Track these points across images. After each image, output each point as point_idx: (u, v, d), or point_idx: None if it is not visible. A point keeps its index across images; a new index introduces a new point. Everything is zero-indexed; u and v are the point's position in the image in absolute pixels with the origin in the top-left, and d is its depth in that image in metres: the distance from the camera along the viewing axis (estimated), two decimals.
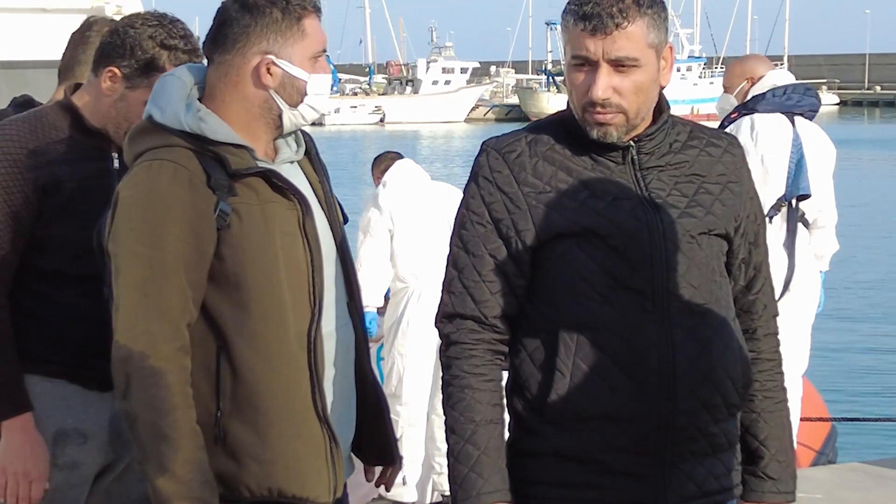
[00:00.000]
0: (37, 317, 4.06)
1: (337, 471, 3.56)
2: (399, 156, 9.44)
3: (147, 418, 3.39)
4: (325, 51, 3.64)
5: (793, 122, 7.66)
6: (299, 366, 3.51)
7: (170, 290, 3.41)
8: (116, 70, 4.10)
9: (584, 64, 3.28)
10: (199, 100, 3.58)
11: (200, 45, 3.81)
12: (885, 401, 15.21)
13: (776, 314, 3.67)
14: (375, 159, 9.45)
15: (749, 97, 7.70)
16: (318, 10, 3.61)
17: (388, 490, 4.09)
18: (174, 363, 3.39)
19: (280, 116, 3.60)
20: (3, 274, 4.00)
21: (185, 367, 3.42)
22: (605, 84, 3.26)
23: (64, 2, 5.41)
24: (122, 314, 3.45)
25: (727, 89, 8.06)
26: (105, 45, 4.15)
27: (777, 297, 3.72)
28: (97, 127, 4.13)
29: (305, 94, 3.59)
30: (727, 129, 7.39)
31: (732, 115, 7.66)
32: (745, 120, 7.53)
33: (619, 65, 3.27)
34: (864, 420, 11.52)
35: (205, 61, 3.75)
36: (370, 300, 7.93)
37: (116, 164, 4.09)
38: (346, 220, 3.88)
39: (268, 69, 3.54)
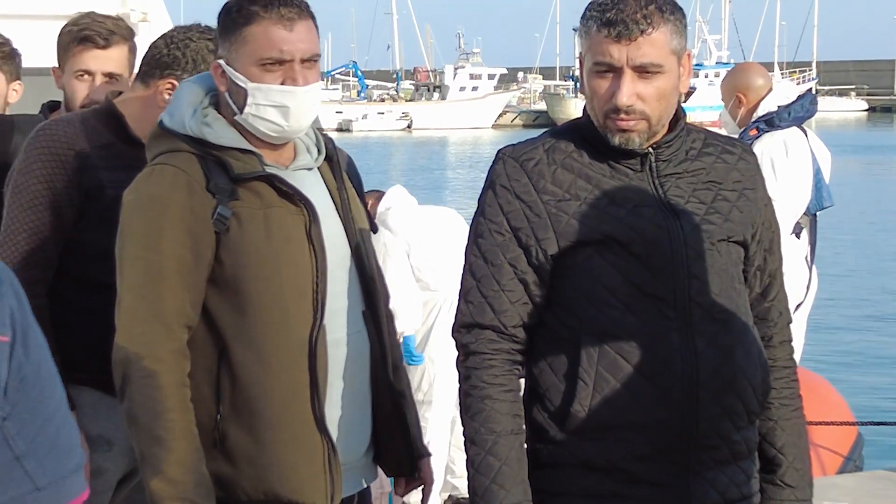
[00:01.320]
0: (67, 324, 4.06)
1: (334, 478, 3.57)
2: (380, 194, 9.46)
3: (142, 419, 3.46)
4: (278, 61, 3.54)
5: (805, 134, 7.66)
6: (299, 371, 3.53)
7: (166, 292, 3.48)
8: (176, 82, 4.12)
9: (608, 70, 3.29)
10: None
11: None
12: None
13: (790, 321, 3.68)
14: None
15: (764, 112, 7.55)
16: (284, 19, 3.53)
17: (401, 495, 4.12)
18: (169, 364, 3.45)
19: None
20: (45, 273, 4.04)
21: (180, 368, 3.48)
22: (630, 90, 3.26)
23: (89, 9, 5.39)
24: (121, 316, 3.53)
25: (724, 104, 7.92)
26: (161, 56, 4.18)
27: (794, 307, 3.73)
28: (140, 137, 4.14)
29: (245, 102, 3.57)
30: (753, 147, 7.38)
31: (752, 133, 7.49)
32: (776, 137, 7.41)
33: (643, 71, 3.27)
34: (891, 424, 11.49)
35: None
36: (406, 325, 7.88)
37: None
38: (374, 230, 3.89)
39: (222, 72, 3.58)
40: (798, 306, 7.34)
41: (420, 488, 4.00)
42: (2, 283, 1.68)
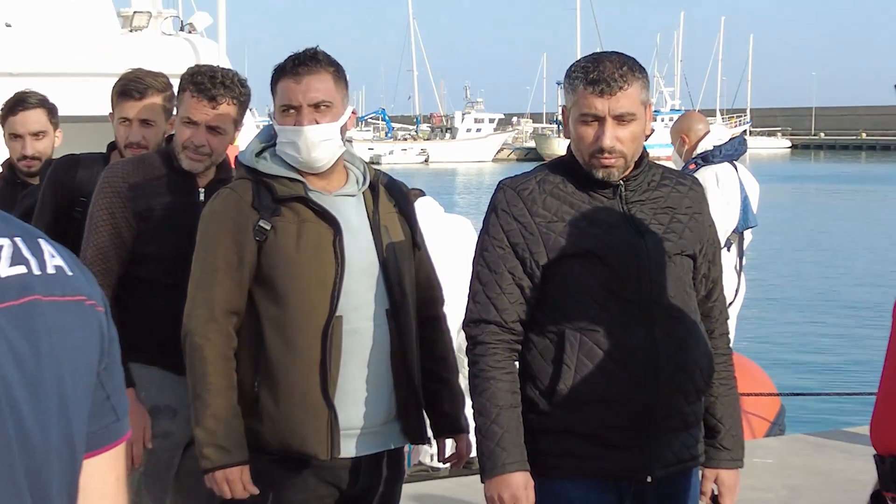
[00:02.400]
0: (137, 316, 4.06)
1: (335, 436, 3.57)
2: (422, 193, 9.27)
3: (190, 383, 3.61)
4: (290, 107, 3.61)
5: (735, 168, 7.69)
6: (314, 352, 3.56)
7: (216, 286, 3.60)
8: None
9: (594, 119, 3.29)
10: None
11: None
12: (826, 378, 15.08)
13: (728, 317, 3.70)
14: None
15: (702, 150, 7.59)
16: (298, 75, 3.60)
17: (440, 460, 4.14)
18: (212, 341, 3.57)
19: None
20: (109, 280, 4.03)
21: (223, 344, 3.59)
22: (612, 135, 3.27)
23: (169, 69, 5.24)
24: (186, 304, 3.65)
25: (672, 143, 7.91)
26: None
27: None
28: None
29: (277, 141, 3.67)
30: None
31: (691, 167, 7.50)
32: (709, 171, 7.41)
33: (620, 119, 3.28)
34: (808, 395, 11.47)
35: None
36: None
37: (202, 197, 4.10)
38: (419, 247, 3.89)
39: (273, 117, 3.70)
40: (729, 305, 7.43)
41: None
42: (91, 274, 1.80)
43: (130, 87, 4.55)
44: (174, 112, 4.31)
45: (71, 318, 1.68)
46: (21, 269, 1.62)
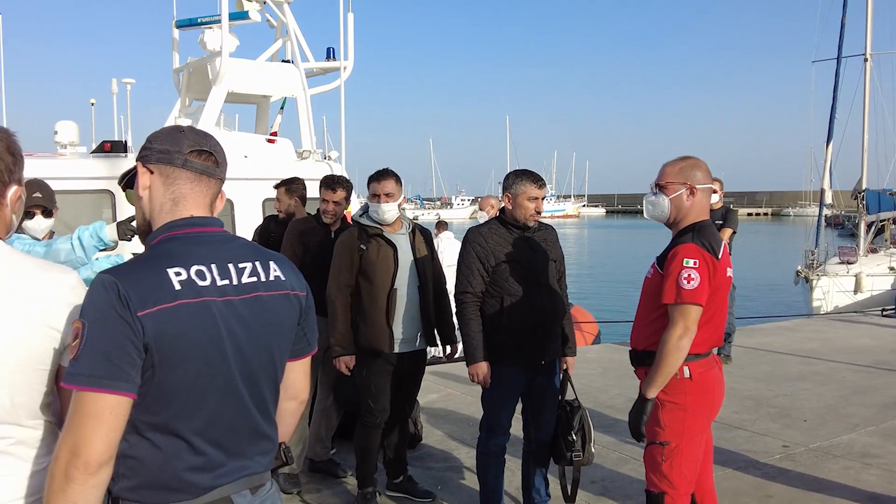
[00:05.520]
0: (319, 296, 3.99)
1: (393, 342, 3.52)
2: (446, 225, 9.26)
3: (329, 318, 3.56)
4: (382, 195, 3.53)
5: None
6: (383, 304, 3.52)
7: (339, 274, 3.55)
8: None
9: (535, 199, 3.28)
10: None
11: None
12: (625, 315, 14.97)
13: (566, 287, 3.56)
14: (439, 223, 9.17)
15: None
16: (379, 180, 3.52)
17: (445, 355, 4.06)
18: (338, 298, 3.55)
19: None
20: None
21: (344, 300, 3.55)
22: (542, 206, 3.28)
23: (316, 178, 5.16)
24: (329, 281, 3.60)
25: (483, 209, 7.24)
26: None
27: None
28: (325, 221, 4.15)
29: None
30: None
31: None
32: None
33: (543, 198, 3.28)
34: (609, 322, 11.37)
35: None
36: None
37: (333, 236, 4.07)
38: (434, 260, 3.78)
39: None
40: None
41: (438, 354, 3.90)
42: (301, 275, 1.73)
43: (287, 184, 4.61)
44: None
45: (279, 304, 1.62)
46: (254, 279, 1.59)
